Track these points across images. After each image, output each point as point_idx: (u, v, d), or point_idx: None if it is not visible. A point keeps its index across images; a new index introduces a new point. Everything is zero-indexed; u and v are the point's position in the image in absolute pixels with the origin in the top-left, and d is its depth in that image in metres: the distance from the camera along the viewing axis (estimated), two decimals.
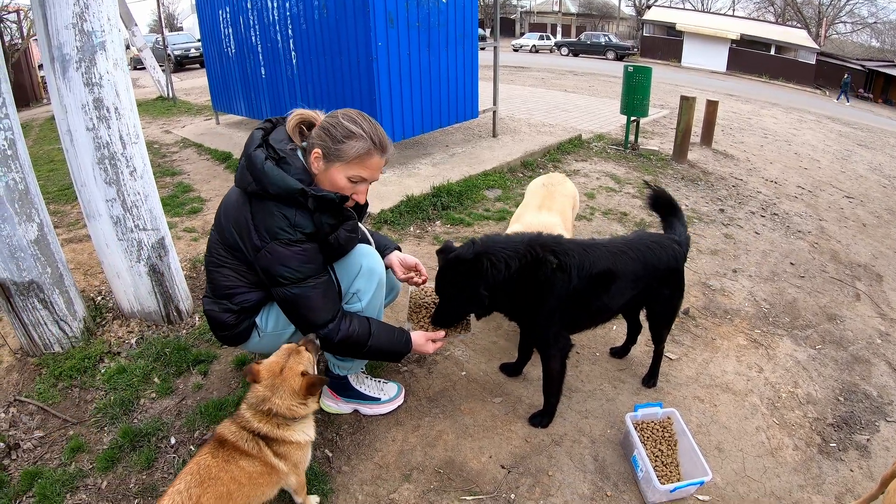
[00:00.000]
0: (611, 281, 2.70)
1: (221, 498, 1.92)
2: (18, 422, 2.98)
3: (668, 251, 2.85)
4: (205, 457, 2.00)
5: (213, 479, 1.94)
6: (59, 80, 3.05)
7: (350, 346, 2.45)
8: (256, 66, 8.20)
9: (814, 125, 16.08)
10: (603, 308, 2.81)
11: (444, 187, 6.12)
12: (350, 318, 2.43)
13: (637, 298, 2.92)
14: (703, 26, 37.65)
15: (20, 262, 3.12)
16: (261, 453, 2.07)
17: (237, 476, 1.99)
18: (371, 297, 2.56)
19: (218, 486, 1.93)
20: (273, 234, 2.23)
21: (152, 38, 25.38)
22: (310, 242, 2.29)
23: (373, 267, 2.54)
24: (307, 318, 2.37)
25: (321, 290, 2.34)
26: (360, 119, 2.29)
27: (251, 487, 2.03)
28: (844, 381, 3.61)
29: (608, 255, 2.70)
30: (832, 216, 7.28)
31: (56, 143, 9.47)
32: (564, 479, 2.62)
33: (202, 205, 6.09)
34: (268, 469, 2.08)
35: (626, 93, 8.46)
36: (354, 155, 2.25)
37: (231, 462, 2.01)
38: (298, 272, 2.27)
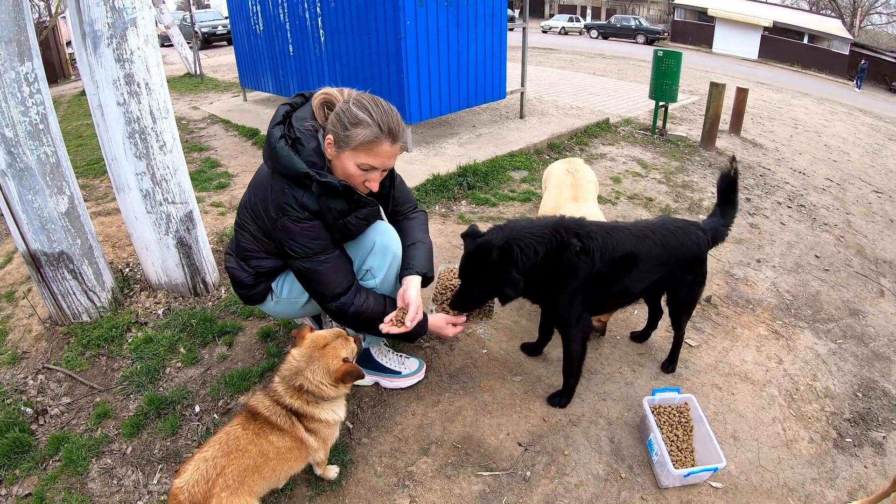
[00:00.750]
0: (633, 264, 2.71)
1: (246, 470, 1.97)
2: (46, 388, 3.07)
3: (692, 237, 2.85)
4: (235, 428, 2.07)
5: (241, 450, 2.00)
6: (90, 55, 3.11)
7: (363, 322, 2.51)
8: (284, 44, 8.24)
9: (845, 117, 15.80)
10: (624, 291, 2.82)
11: (470, 167, 6.14)
12: (365, 294, 2.49)
13: (658, 283, 2.93)
14: (736, 12, 36.99)
15: (51, 234, 3.21)
16: (293, 428, 2.13)
17: (265, 450, 2.05)
18: (385, 274, 2.59)
19: (244, 459, 1.98)
20: (283, 211, 2.29)
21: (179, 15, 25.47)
22: (317, 220, 2.33)
23: (386, 244, 2.57)
24: (318, 291, 2.44)
25: (331, 265, 2.40)
26: (371, 105, 2.23)
27: (278, 462, 2.09)
28: (864, 377, 3.59)
29: (631, 239, 2.71)
30: (860, 210, 7.18)
31: (84, 118, 9.61)
32: (580, 459, 2.66)
33: (229, 180, 6.16)
34: (297, 444, 2.14)
35: (655, 77, 8.38)
36: (361, 142, 2.21)
37: (261, 436, 2.06)
38: (307, 248, 2.33)
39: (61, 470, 2.56)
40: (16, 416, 2.83)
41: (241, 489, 1.93)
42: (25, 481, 2.53)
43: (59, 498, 2.43)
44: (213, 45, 26.53)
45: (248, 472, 1.98)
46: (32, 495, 2.45)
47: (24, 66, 2.90)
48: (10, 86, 2.88)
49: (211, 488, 1.87)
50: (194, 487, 1.86)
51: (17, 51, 2.86)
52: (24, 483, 2.53)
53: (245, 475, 1.96)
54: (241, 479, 1.95)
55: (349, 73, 7.13)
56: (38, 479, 2.53)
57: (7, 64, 2.84)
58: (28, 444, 2.69)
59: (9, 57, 2.84)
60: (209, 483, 1.87)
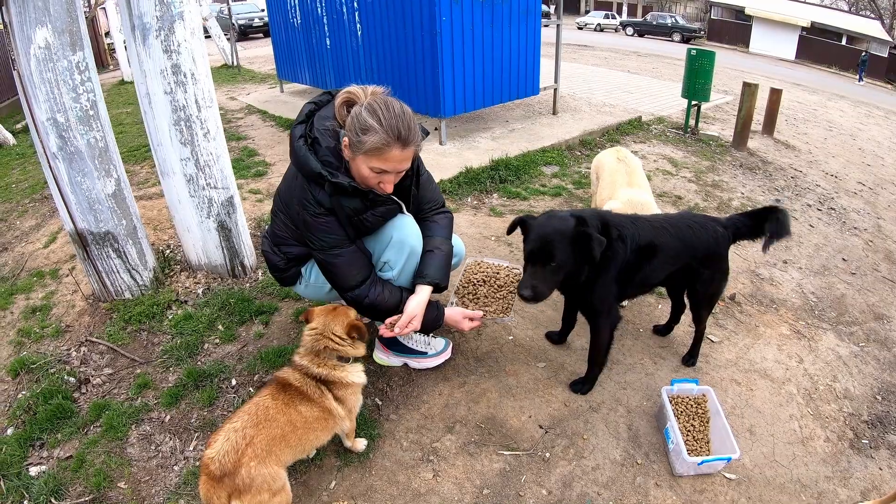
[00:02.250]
0: (653, 254, 2.79)
1: (275, 440, 2.07)
2: (89, 360, 3.24)
3: (709, 233, 2.91)
4: (265, 398, 2.18)
5: (270, 420, 2.10)
6: (139, 46, 3.26)
7: (378, 312, 2.66)
8: (322, 37, 8.37)
9: (881, 121, 15.53)
10: (644, 280, 2.91)
11: (502, 161, 6.23)
12: (381, 286, 2.62)
13: (676, 275, 3.00)
14: (773, 11, 36.41)
15: (98, 214, 3.38)
16: (321, 398, 2.25)
17: (294, 419, 2.16)
18: (402, 267, 2.69)
19: (273, 429, 2.09)
20: (302, 206, 2.44)
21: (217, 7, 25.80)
22: (332, 216, 2.46)
23: (403, 239, 2.64)
24: (334, 281, 2.61)
25: (345, 259, 2.53)
26: (381, 111, 2.25)
27: (305, 432, 2.20)
28: (885, 381, 3.60)
29: (651, 229, 2.79)
30: (891, 215, 7.11)
31: (123, 106, 9.87)
32: (598, 444, 2.75)
33: (267, 168, 6.32)
34: (325, 414, 2.26)
35: (688, 76, 8.38)
36: (371, 148, 2.26)
37: (291, 406, 2.18)
38: (323, 241, 2.48)
39: (102, 435, 2.72)
40: (59, 384, 3.00)
41: (268, 458, 2.03)
42: (67, 445, 2.69)
43: (98, 461, 2.59)
44: (249, 37, 26.82)
45: (275, 441, 2.07)
46: (73, 458, 2.61)
47: (75, 55, 3.06)
48: (63, 74, 3.04)
49: (240, 458, 1.96)
50: (224, 457, 1.95)
51: (69, 41, 3.02)
52: (65, 446, 2.69)
53: (273, 444, 2.06)
54: (269, 449, 2.04)
55: (385, 66, 7.25)
56: (80, 443, 2.69)
57: (60, 53, 3.00)
58: (70, 410, 2.86)
59: (62, 46, 3.00)
60: (238, 453, 1.97)
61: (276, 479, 2.04)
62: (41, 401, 2.87)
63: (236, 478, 1.94)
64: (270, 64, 14.39)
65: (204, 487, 1.95)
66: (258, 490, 1.98)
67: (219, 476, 1.93)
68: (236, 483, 1.94)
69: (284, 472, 2.12)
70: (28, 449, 2.67)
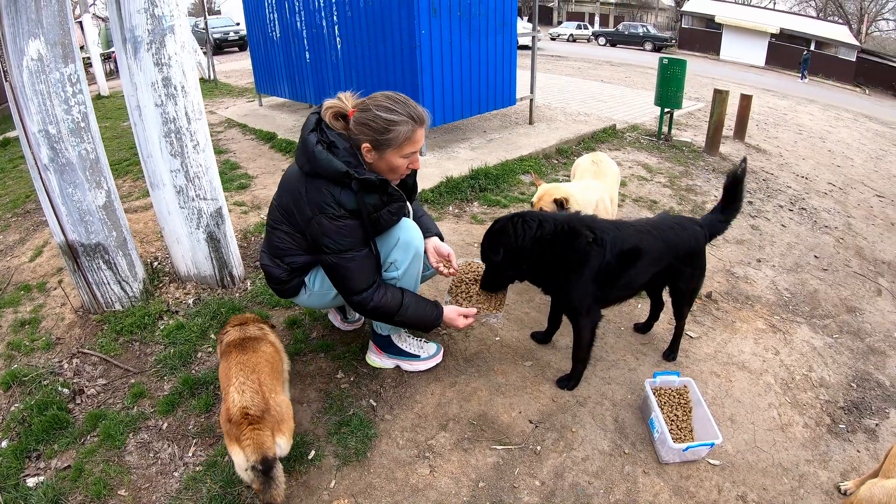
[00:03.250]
0: (637, 257, 2.91)
1: (269, 376, 2.44)
2: (82, 371, 3.26)
3: (689, 232, 3.06)
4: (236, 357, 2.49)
5: (255, 365, 2.44)
6: (130, 59, 3.32)
7: (381, 314, 2.74)
8: (301, 51, 8.43)
9: (850, 123, 15.90)
10: (629, 283, 3.02)
11: (481, 170, 6.33)
12: (385, 289, 2.69)
13: (659, 276, 3.13)
14: (743, 19, 37.07)
15: (89, 226, 3.42)
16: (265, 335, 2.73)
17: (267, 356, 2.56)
18: (407, 268, 2.78)
19: (263, 369, 2.44)
20: (320, 209, 2.49)
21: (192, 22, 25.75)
22: (352, 219, 2.52)
23: (409, 240, 2.76)
24: (344, 285, 2.65)
25: (358, 263, 2.59)
26: (394, 104, 2.47)
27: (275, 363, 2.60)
28: (858, 369, 3.76)
29: (635, 234, 2.93)
30: (860, 213, 7.34)
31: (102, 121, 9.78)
32: (586, 436, 2.85)
33: (250, 181, 6.35)
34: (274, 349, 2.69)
35: (660, 84, 8.56)
36: (403, 138, 2.48)
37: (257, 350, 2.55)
38: (339, 244, 2.53)
39: (99, 444, 2.74)
40: (53, 395, 3.01)
41: (276, 388, 2.41)
42: (64, 455, 2.72)
43: (97, 469, 2.61)
44: (224, 52, 26.77)
45: (270, 376, 2.44)
46: (72, 468, 2.63)
47: (67, 67, 3.12)
48: (55, 86, 3.10)
49: (265, 396, 2.29)
50: (254, 400, 2.24)
51: (61, 53, 3.08)
52: (62, 456, 2.71)
53: (272, 379, 2.43)
54: (273, 383, 2.41)
55: (365, 79, 7.33)
56: (77, 452, 2.71)
57: (53, 65, 3.06)
58: (66, 420, 2.88)
59: (54, 59, 3.06)
60: (261, 394, 2.29)
61: (289, 404, 2.42)
62: (36, 412, 2.88)
63: (272, 411, 2.26)
64: (247, 78, 14.43)
65: (251, 435, 2.15)
66: (288, 417, 2.34)
67: (259, 416, 2.20)
68: (273, 416, 2.26)
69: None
70: (24, 461, 2.69)
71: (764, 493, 2.66)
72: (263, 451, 2.13)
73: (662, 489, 2.60)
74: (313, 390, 3.06)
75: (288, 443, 2.31)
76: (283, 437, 2.27)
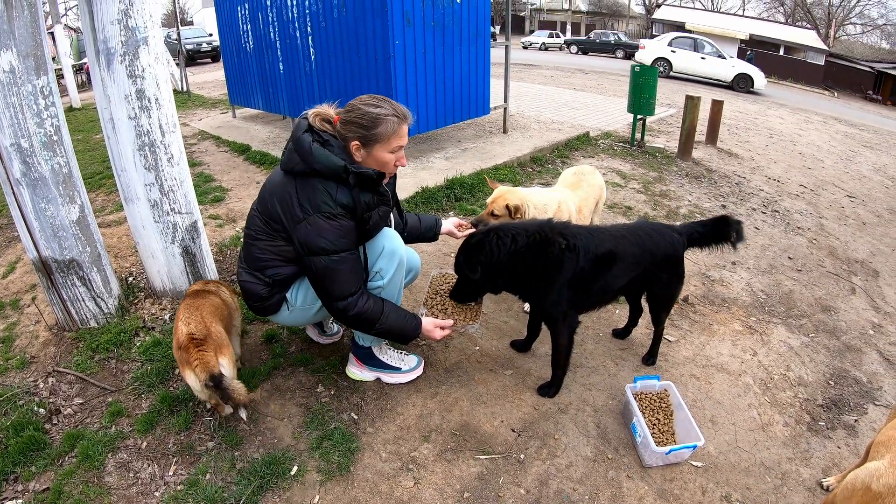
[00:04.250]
0: (612, 262, 2.94)
1: (209, 313, 2.81)
2: (58, 390, 3.19)
3: (666, 238, 3.09)
4: (189, 300, 2.91)
5: (200, 306, 2.83)
6: (103, 71, 3.27)
7: (361, 323, 2.72)
8: (275, 62, 8.39)
9: (820, 126, 16.15)
10: (605, 288, 3.03)
11: (456, 180, 6.34)
12: (367, 297, 2.69)
13: (636, 281, 3.15)
14: (713, 26, 37.53)
15: (62, 241, 3.36)
16: (218, 290, 3.13)
17: (213, 302, 2.94)
18: (392, 276, 2.79)
19: (205, 308, 2.83)
20: (316, 207, 2.49)
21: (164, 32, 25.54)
22: (347, 219, 2.54)
23: (394, 249, 2.77)
24: (330, 290, 2.62)
25: (348, 266, 2.59)
26: (379, 101, 2.57)
27: (221, 310, 2.95)
28: (836, 367, 3.81)
29: (611, 239, 2.95)
30: (832, 214, 7.45)
31: (74, 134, 9.69)
32: (569, 443, 2.85)
33: (224, 194, 6.30)
34: (223, 302, 3.05)
35: (632, 91, 8.65)
36: (391, 133, 2.56)
37: (206, 297, 2.97)
38: (334, 244, 2.52)
39: (78, 465, 2.68)
40: (29, 416, 2.95)
41: (215, 321, 2.78)
42: (42, 477, 2.65)
43: (76, 491, 2.55)
44: (197, 63, 26.58)
45: (210, 313, 2.81)
46: (50, 490, 2.57)
47: (39, 79, 3.08)
48: (27, 98, 3.05)
49: (206, 324, 2.70)
50: (197, 328, 2.66)
51: (34, 65, 3.03)
52: (40, 478, 2.65)
53: (211, 315, 2.80)
54: (212, 317, 2.79)
55: (339, 90, 7.30)
56: (55, 474, 2.65)
57: (24, 77, 3.01)
58: (43, 441, 2.82)
59: (26, 71, 3.01)
60: (202, 322, 2.71)
61: (230, 341, 2.79)
62: (11, 433, 2.82)
63: (213, 336, 2.66)
64: (220, 89, 14.33)
65: (197, 356, 2.55)
66: (227, 344, 2.71)
67: (202, 339, 2.61)
68: (215, 340, 2.65)
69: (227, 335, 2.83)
70: (2, 483, 2.62)
71: (747, 492, 2.68)
72: (210, 369, 2.51)
73: (647, 493, 2.61)
74: (293, 405, 3.03)
75: (230, 364, 2.62)
76: (224, 359, 2.60)
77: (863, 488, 1.94)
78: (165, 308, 3.84)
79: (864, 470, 1.99)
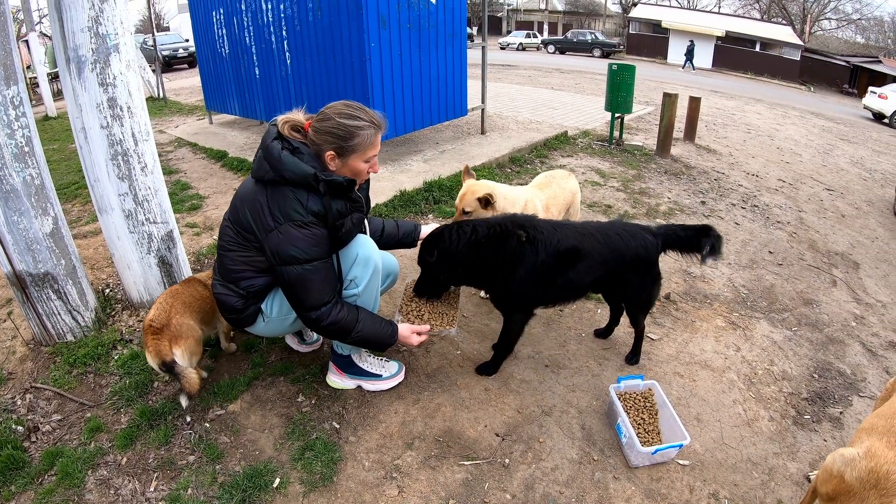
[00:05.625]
0: (577, 258, 2.94)
1: (185, 303, 2.95)
2: (36, 407, 3.12)
3: (637, 240, 3.06)
4: (176, 286, 3.06)
5: (180, 293, 2.99)
6: (74, 80, 3.21)
7: (336, 332, 2.69)
8: (251, 67, 8.32)
9: (797, 120, 16.33)
10: (570, 284, 3.03)
11: (435, 182, 6.32)
12: (341, 306, 2.65)
13: (606, 281, 3.14)
14: (689, 23, 37.92)
15: (36, 255, 3.28)
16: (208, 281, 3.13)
17: (194, 293, 3.05)
18: (367, 283, 2.76)
19: (183, 297, 2.98)
20: (287, 216, 2.45)
21: (140, 38, 25.34)
22: (319, 228, 2.50)
23: (368, 256, 2.74)
24: (303, 299, 2.58)
25: (321, 275, 2.55)
26: (354, 111, 2.53)
27: (205, 305, 3.06)
28: (819, 359, 3.83)
29: (576, 235, 2.96)
30: (811, 208, 7.52)
31: (49, 143, 9.57)
32: (554, 446, 2.84)
33: (201, 201, 6.23)
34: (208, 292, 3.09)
35: (610, 90, 8.68)
36: (368, 143, 2.55)
37: (192, 286, 3.10)
38: (306, 253, 2.48)
39: (57, 483, 2.62)
40: (7, 434, 2.87)
41: (186, 313, 2.90)
42: (21, 496, 2.59)
43: None
44: (173, 69, 26.37)
45: (187, 304, 2.95)
46: None
47: (10, 89, 3.00)
48: None
49: (169, 315, 2.83)
50: (159, 316, 2.80)
51: (3, 74, 2.96)
52: (20, 498, 2.58)
53: (186, 306, 2.93)
54: (185, 309, 2.92)
55: (315, 94, 7.26)
56: (35, 493, 2.58)
57: None
58: (22, 460, 2.74)
59: None
60: (167, 312, 2.83)
61: (195, 329, 2.92)
62: None
63: (171, 327, 2.79)
64: (197, 95, 14.21)
65: (151, 343, 2.74)
66: (187, 336, 2.83)
67: (159, 328, 2.77)
68: (172, 331, 2.79)
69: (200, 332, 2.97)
70: None
71: (735, 489, 2.68)
72: (161, 356, 2.72)
73: (634, 493, 2.60)
74: (274, 415, 2.99)
75: (184, 355, 2.79)
76: (178, 349, 2.77)
77: (838, 476, 1.95)
78: (143, 320, 3.77)
79: (841, 457, 1.98)
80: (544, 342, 3.65)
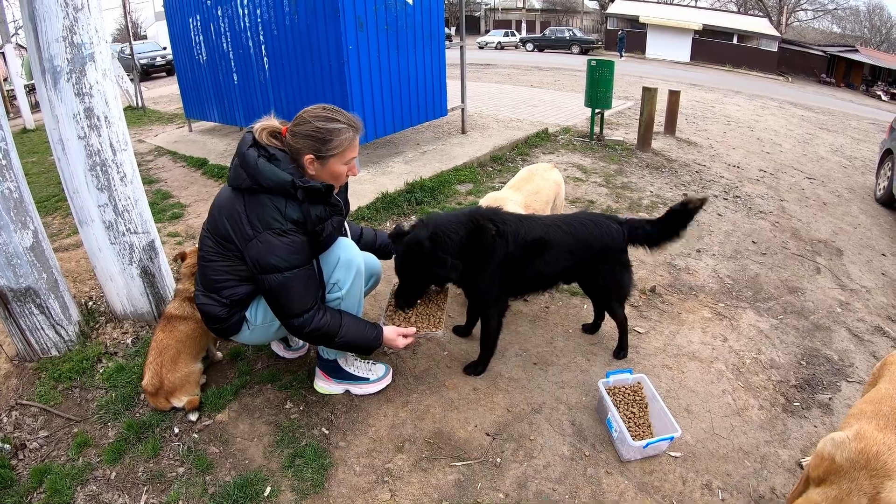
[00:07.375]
0: (544, 249, 3.00)
1: (174, 358, 2.96)
2: (22, 424, 3.07)
3: (603, 229, 3.13)
4: (157, 334, 3.04)
5: (166, 346, 2.97)
6: (50, 91, 3.16)
7: (320, 338, 2.67)
8: (229, 73, 8.27)
9: (776, 111, 16.47)
10: (538, 274, 3.09)
11: (417, 183, 6.31)
12: (325, 312, 2.63)
13: (575, 270, 3.21)
14: (666, 18, 38.16)
15: (17, 269, 3.23)
16: (193, 313, 3.02)
17: (179, 337, 3.01)
18: (350, 287, 2.75)
19: (170, 350, 2.96)
20: (266, 224, 2.43)
21: (117, 47, 25.14)
22: (299, 235, 2.48)
23: (350, 259, 2.73)
24: (285, 307, 2.56)
25: (303, 282, 2.53)
26: (331, 113, 2.51)
27: (191, 340, 3.04)
28: (806, 346, 3.86)
29: (542, 227, 3.03)
30: (793, 197, 7.58)
31: (28, 156, 9.48)
32: (546, 443, 2.83)
33: (182, 210, 6.18)
34: (197, 324, 3.02)
35: (589, 86, 8.71)
36: (347, 145, 2.52)
37: (173, 330, 3.02)
38: (286, 261, 2.46)
39: (47, 501, 2.58)
40: None
41: (176, 366, 2.95)
42: None
43: None
44: (152, 77, 26.19)
45: (175, 356, 2.97)
46: None
47: None
48: None
49: (161, 377, 2.91)
50: (151, 381, 2.90)
51: None
52: None
53: (174, 358, 2.96)
54: (174, 362, 2.95)
55: (294, 98, 7.23)
56: None
57: None
58: (10, 479, 2.70)
59: None
60: (158, 375, 2.91)
61: (191, 373, 3.02)
62: None
63: (164, 388, 2.91)
64: (176, 103, 14.09)
65: (152, 401, 2.97)
66: (182, 386, 2.96)
67: (154, 392, 2.91)
68: (166, 389, 2.92)
69: (196, 365, 3.09)
70: None
71: (728, 478, 2.69)
72: (163, 409, 2.97)
73: (627, 487, 2.60)
74: (263, 423, 2.96)
75: (183, 398, 2.97)
76: (176, 400, 2.96)
77: (829, 458, 1.96)
78: (127, 332, 3.73)
79: (831, 440, 2.00)
80: (531, 339, 3.64)
